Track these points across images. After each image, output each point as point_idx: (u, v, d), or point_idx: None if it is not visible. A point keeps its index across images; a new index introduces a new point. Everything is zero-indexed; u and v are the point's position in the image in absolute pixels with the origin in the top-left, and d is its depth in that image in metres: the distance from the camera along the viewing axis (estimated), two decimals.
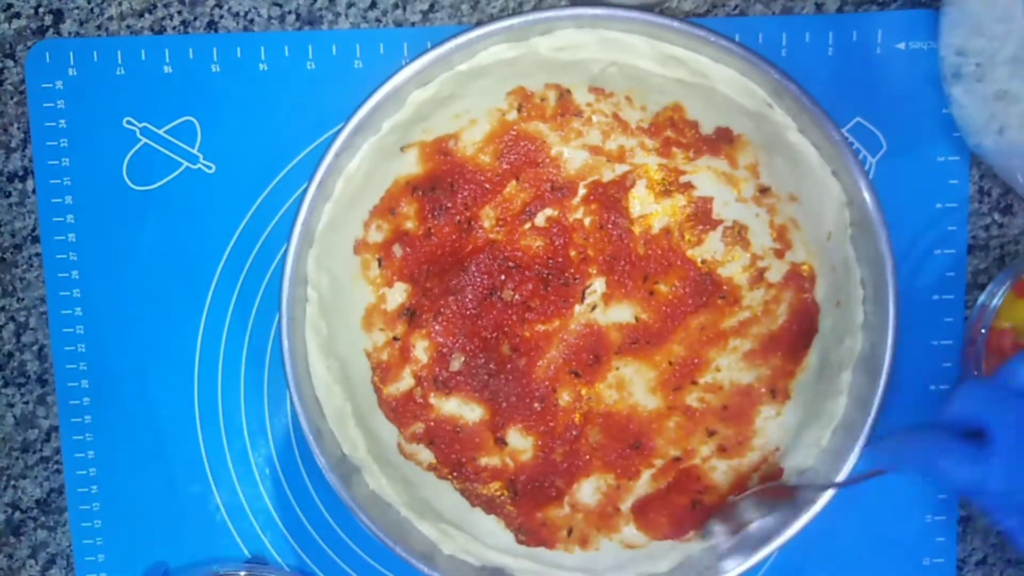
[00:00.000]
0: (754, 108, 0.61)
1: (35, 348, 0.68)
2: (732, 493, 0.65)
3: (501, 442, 0.65)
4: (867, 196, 0.60)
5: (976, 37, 0.61)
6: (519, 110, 0.63)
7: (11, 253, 0.68)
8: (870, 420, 0.61)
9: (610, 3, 0.61)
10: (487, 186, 0.64)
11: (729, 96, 0.61)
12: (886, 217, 0.59)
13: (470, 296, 0.64)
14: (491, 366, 0.64)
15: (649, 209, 0.65)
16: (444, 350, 0.64)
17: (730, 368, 0.65)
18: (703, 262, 0.64)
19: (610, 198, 0.64)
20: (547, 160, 0.64)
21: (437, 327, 0.64)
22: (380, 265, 0.64)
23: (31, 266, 0.68)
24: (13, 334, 0.68)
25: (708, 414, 0.65)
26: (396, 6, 0.66)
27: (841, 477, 0.62)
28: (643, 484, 0.65)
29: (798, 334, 0.64)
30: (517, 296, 0.64)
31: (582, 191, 0.64)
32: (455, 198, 0.63)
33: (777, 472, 0.65)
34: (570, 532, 0.65)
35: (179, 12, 0.66)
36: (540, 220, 0.64)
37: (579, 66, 0.61)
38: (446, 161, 0.63)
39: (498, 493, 0.66)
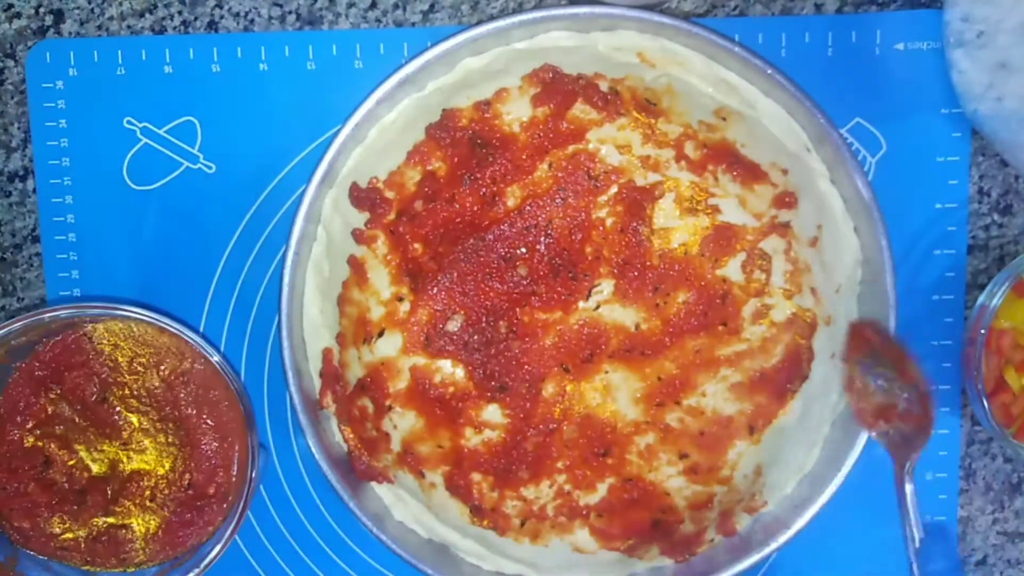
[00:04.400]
0: (793, 149, 0.61)
1: None
2: (692, 517, 0.65)
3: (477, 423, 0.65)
4: (886, 264, 0.60)
5: (982, 4, 0.61)
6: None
7: (11, 253, 0.68)
8: (838, 477, 0.62)
9: (608, 2, 0.61)
10: (519, 163, 0.63)
11: (771, 132, 0.61)
12: (896, 278, 0.60)
13: (482, 262, 0.63)
14: (487, 334, 0.64)
15: (672, 223, 0.64)
16: (446, 312, 0.64)
17: (715, 396, 0.65)
18: (724, 281, 0.64)
19: (637, 204, 0.64)
20: (584, 153, 0.63)
21: (443, 284, 0.63)
22: (397, 217, 0.63)
23: (31, 266, 0.67)
24: None
25: (684, 436, 0.65)
26: (396, 6, 0.66)
27: (799, 526, 0.62)
28: (604, 493, 0.65)
29: (788, 378, 0.65)
30: (526, 271, 0.63)
31: (613, 189, 0.64)
32: (485, 170, 0.63)
33: (734, 507, 0.65)
34: (523, 523, 0.65)
35: (179, 12, 0.66)
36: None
37: (633, 69, 0.61)
38: (484, 131, 0.63)
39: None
